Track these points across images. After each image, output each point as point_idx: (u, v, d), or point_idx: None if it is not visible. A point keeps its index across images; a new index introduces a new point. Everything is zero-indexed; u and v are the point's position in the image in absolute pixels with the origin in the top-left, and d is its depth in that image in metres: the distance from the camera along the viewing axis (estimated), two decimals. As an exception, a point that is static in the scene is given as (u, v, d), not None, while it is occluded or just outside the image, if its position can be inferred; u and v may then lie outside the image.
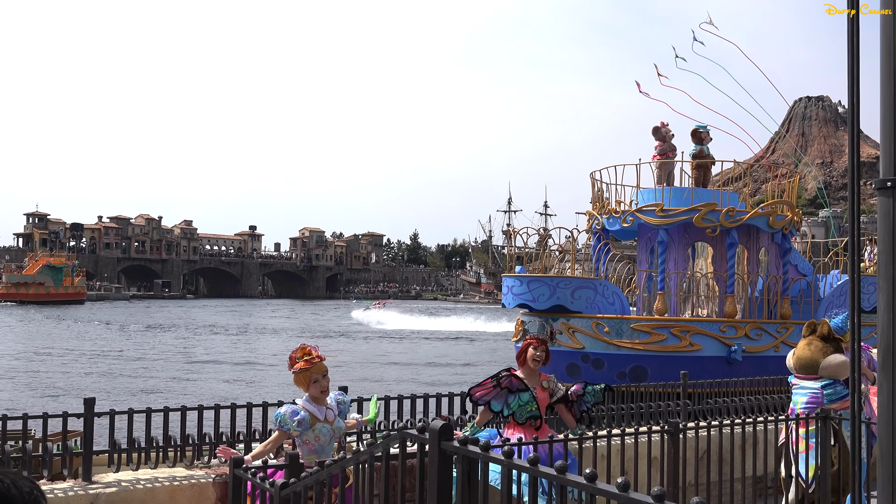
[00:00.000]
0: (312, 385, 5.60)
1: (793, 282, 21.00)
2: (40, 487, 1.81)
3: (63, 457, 6.36)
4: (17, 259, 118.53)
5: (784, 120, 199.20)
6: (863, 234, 24.14)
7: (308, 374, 5.59)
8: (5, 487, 1.72)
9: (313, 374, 5.59)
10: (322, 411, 5.61)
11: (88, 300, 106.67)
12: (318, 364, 5.61)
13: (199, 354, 41.84)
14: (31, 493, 1.75)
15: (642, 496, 2.43)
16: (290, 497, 4.64)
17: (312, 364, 5.59)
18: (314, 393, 5.61)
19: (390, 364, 38.58)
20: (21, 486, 1.74)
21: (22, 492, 1.73)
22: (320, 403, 5.63)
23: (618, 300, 20.27)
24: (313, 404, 5.62)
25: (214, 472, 6.44)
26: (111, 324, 64.03)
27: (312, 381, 5.59)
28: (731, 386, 11.14)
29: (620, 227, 21.15)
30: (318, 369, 5.61)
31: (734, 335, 19.49)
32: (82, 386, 28.53)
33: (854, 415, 4.90)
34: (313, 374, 5.59)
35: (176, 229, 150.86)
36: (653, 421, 8.78)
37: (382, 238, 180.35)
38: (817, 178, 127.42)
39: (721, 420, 7.76)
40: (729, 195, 21.31)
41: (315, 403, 5.62)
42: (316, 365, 5.60)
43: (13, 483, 1.73)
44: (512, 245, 26.94)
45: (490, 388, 6.44)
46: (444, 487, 3.45)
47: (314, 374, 5.59)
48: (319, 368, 5.61)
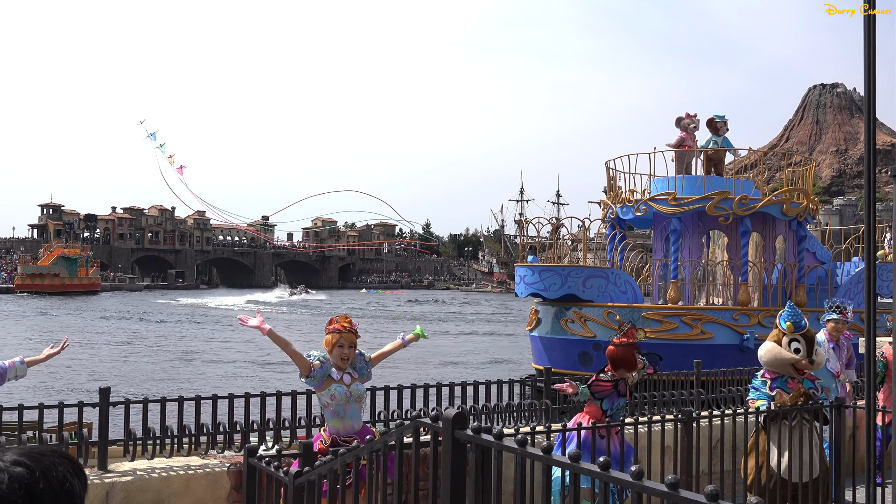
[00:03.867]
0: (336, 348, 5.87)
1: (809, 269, 20.87)
2: (80, 468, 1.60)
3: (79, 446, 6.40)
4: (32, 250, 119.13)
5: (798, 107, 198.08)
6: (878, 222, 24.02)
7: (337, 337, 5.86)
8: (33, 479, 1.49)
9: (342, 339, 5.86)
10: (339, 374, 5.86)
11: (103, 291, 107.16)
12: (349, 334, 5.88)
13: (214, 344, 42.03)
14: (63, 482, 1.52)
15: (656, 484, 2.43)
16: (304, 485, 4.66)
17: (345, 330, 5.87)
18: (335, 358, 5.87)
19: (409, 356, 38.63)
20: (53, 475, 1.52)
21: (51, 483, 1.51)
22: (339, 368, 5.87)
23: (630, 289, 20.23)
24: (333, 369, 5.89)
25: (229, 461, 6.48)
26: (126, 314, 64.41)
27: (337, 344, 5.86)
28: (745, 374, 11.10)
29: (634, 215, 21.09)
30: (348, 338, 5.88)
31: (747, 323, 19.42)
32: (97, 376, 28.71)
33: (869, 405, 4.89)
34: (342, 339, 5.86)
35: (189, 220, 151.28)
36: (666, 409, 8.77)
37: (395, 228, 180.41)
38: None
39: (735, 409, 7.73)
40: (743, 183, 21.20)
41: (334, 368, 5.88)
42: (346, 334, 5.87)
43: (44, 472, 1.51)
44: (524, 234, 26.92)
45: (609, 388, 6.60)
46: (458, 476, 3.45)
47: (343, 339, 5.86)
48: (349, 338, 5.88)
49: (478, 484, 3.35)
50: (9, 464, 1.50)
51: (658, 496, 2.40)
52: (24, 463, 1.51)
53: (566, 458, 2.83)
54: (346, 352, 5.88)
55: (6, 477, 1.48)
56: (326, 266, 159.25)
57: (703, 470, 6.73)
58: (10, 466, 1.49)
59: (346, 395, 5.80)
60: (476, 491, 3.36)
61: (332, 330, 5.94)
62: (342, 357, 5.87)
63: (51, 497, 1.50)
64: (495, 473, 3.31)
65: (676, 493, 2.32)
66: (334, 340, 5.89)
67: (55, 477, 1.52)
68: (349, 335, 5.89)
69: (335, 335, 5.89)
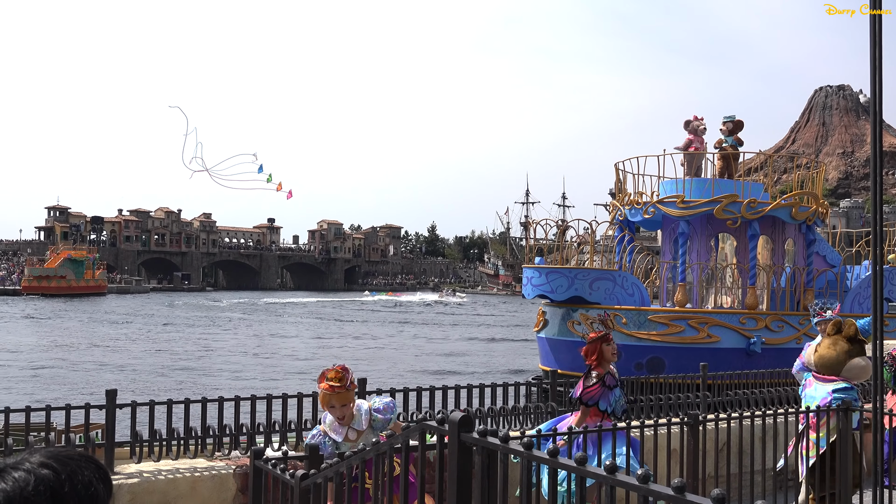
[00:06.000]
0: (329, 409, 5.45)
1: (818, 273, 20.78)
2: (106, 473, 1.60)
3: (86, 448, 6.41)
4: (38, 252, 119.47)
5: (805, 109, 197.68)
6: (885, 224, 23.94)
7: (327, 398, 5.42)
8: (59, 482, 1.50)
9: (332, 400, 5.40)
10: (342, 432, 5.45)
11: (109, 293, 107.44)
12: (339, 395, 5.38)
13: (220, 346, 42.09)
14: (88, 486, 1.53)
15: (662, 488, 2.43)
16: (310, 488, 4.66)
17: (333, 391, 5.38)
18: (333, 417, 5.47)
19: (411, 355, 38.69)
20: (79, 479, 1.52)
21: (76, 487, 1.51)
22: (343, 424, 5.46)
23: (637, 291, 20.20)
24: (335, 425, 5.47)
25: (235, 463, 6.49)
26: (132, 316, 64.54)
27: (329, 405, 5.43)
28: (751, 377, 11.08)
29: (642, 217, 21.07)
30: (339, 399, 5.39)
31: (754, 327, 19.37)
32: (104, 378, 28.77)
33: (876, 410, 4.87)
34: (332, 400, 5.40)
35: (195, 222, 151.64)
36: (672, 412, 8.75)
37: (400, 230, 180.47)
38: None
39: (741, 412, 7.72)
40: (752, 186, 21.14)
41: (337, 424, 5.46)
42: (337, 394, 5.38)
43: (70, 476, 1.52)
44: (530, 236, 26.92)
45: (598, 388, 6.57)
46: (464, 479, 3.45)
47: (334, 400, 5.40)
48: (339, 399, 5.39)
49: (484, 487, 3.35)
50: (36, 465, 1.51)
51: (665, 500, 2.40)
52: (50, 465, 1.51)
53: (572, 461, 2.82)
54: (339, 411, 5.40)
55: (32, 479, 1.49)
56: (332, 268, 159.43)
57: (710, 473, 6.72)
58: (36, 468, 1.50)
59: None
60: (482, 494, 3.36)
61: (322, 389, 5.42)
62: (339, 417, 5.44)
63: (74, 501, 1.50)
64: (501, 476, 3.31)
65: (683, 496, 2.31)
66: (326, 401, 5.43)
67: (80, 481, 1.52)
68: (339, 396, 5.37)
69: (325, 395, 5.41)
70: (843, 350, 7.20)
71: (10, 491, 1.47)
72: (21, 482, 1.48)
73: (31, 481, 1.48)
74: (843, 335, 7.29)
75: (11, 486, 1.48)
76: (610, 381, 6.64)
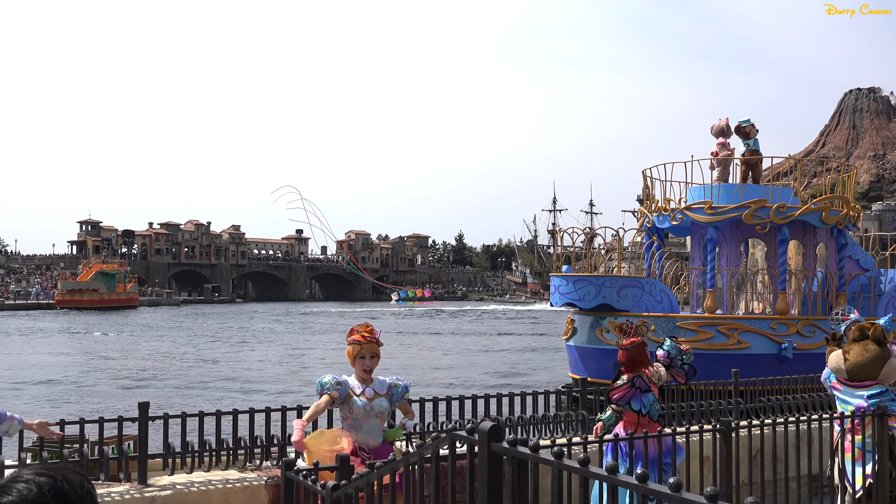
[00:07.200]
0: (358, 360, 5.68)
1: (850, 277, 20.51)
2: (89, 479, 1.83)
3: (119, 460, 6.48)
4: (71, 266, 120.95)
5: (834, 112, 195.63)
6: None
7: (358, 348, 5.67)
8: (58, 484, 1.73)
9: (363, 350, 5.66)
10: (361, 387, 5.67)
11: (141, 305, 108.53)
12: (370, 345, 5.67)
13: (251, 358, 42.33)
14: (82, 486, 1.77)
15: (695, 496, 2.41)
16: (341, 498, 4.67)
17: (365, 341, 5.65)
18: (358, 370, 5.70)
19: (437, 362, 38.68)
20: (72, 480, 1.76)
21: (73, 486, 1.75)
22: (363, 381, 5.70)
23: (666, 298, 20.06)
24: (356, 380, 5.72)
25: (267, 474, 6.52)
26: (164, 329, 65.10)
27: (359, 356, 5.67)
28: (784, 383, 10.96)
29: (670, 224, 20.94)
30: (369, 349, 5.67)
31: (785, 332, 19.15)
32: (137, 390, 29.04)
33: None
34: (363, 350, 5.66)
35: (224, 234, 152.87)
36: (704, 420, 8.68)
37: (427, 239, 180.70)
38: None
39: (774, 418, 7.64)
40: (780, 191, 20.94)
41: (357, 380, 5.71)
42: (368, 344, 5.66)
43: (65, 478, 1.75)
44: (558, 244, 26.83)
45: (627, 389, 6.59)
46: (494, 489, 3.45)
47: (364, 350, 5.66)
48: (370, 349, 5.67)
49: (514, 497, 3.34)
50: (33, 476, 1.74)
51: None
52: (45, 473, 1.76)
53: (603, 470, 2.81)
54: (369, 363, 5.67)
55: (34, 486, 1.72)
56: (360, 279, 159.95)
57: (743, 480, 6.65)
58: (35, 478, 1.74)
59: (366, 410, 5.64)
60: (513, 503, 3.35)
61: (352, 341, 5.71)
62: (364, 368, 5.68)
63: (76, 496, 1.75)
64: (532, 486, 3.30)
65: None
66: (355, 352, 5.70)
67: (75, 481, 1.77)
68: (370, 346, 5.68)
69: (356, 346, 5.69)
70: (877, 353, 7.12)
71: (17, 500, 1.69)
72: (25, 491, 1.71)
73: (33, 488, 1.71)
74: (872, 338, 7.20)
75: (17, 496, 1.70)
76: (640, 383, 6.64)
